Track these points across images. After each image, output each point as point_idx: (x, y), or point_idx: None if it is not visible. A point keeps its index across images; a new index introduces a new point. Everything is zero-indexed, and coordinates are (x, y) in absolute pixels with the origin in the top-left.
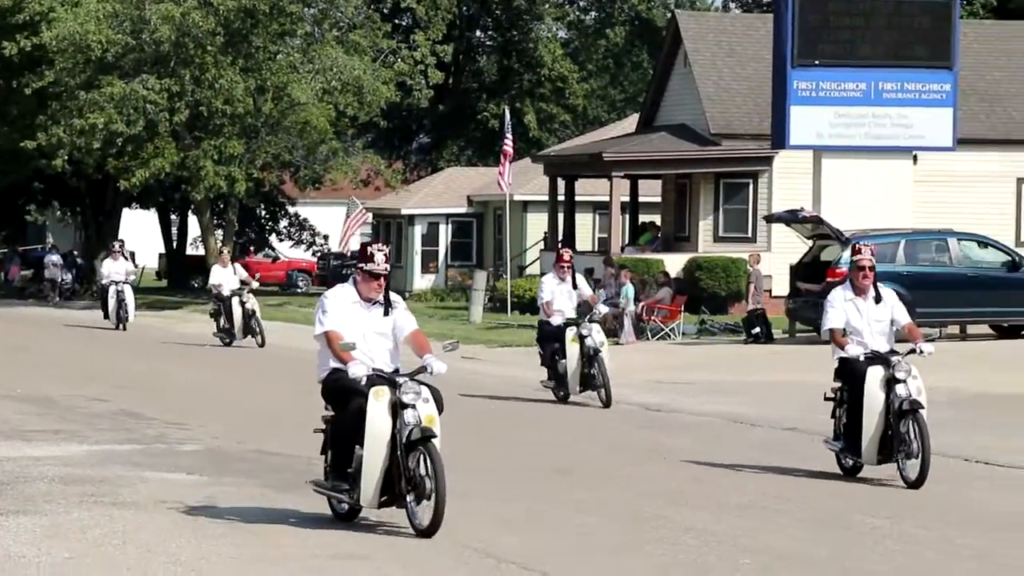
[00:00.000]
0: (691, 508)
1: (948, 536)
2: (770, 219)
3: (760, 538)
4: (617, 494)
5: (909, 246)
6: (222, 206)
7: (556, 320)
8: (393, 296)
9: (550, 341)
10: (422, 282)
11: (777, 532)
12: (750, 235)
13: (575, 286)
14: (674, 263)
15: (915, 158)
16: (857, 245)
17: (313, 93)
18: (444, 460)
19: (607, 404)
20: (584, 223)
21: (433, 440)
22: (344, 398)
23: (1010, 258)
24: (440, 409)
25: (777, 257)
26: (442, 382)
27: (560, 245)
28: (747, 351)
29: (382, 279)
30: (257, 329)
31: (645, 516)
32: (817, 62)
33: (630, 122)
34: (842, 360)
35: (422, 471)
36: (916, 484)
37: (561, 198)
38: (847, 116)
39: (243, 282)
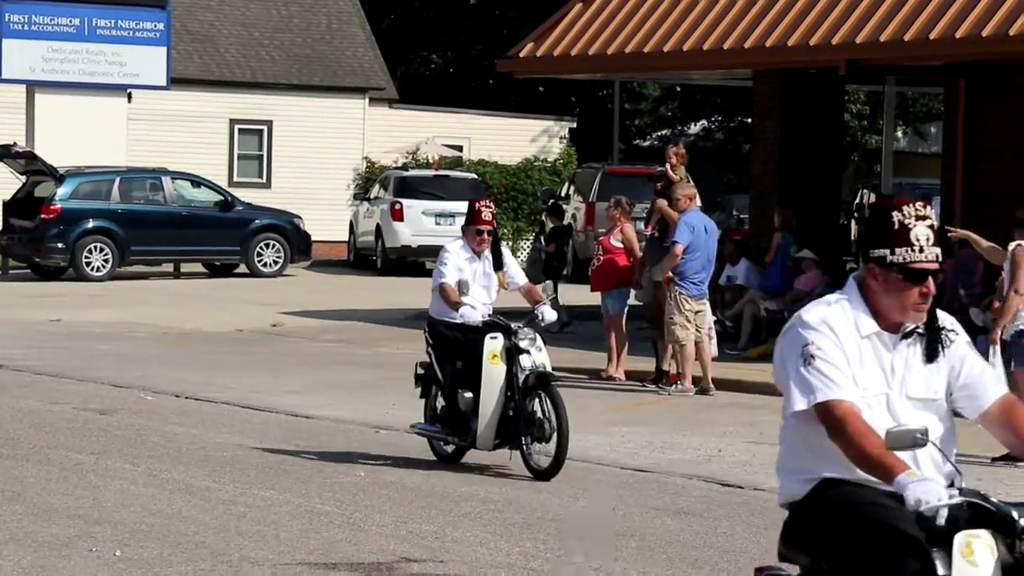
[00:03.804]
0: None
1: (155, 470)
2: None
3: None
4: None
5: (124, 183)
6: None
7: (469, 317)
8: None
9: (450, 354)
10: None
11: None
12: None
13: (499, 266)
14: None
15: (130, 96)
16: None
17: None
18: None
19: (550, 474)
20: None
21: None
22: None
23: (223, 198)
24: None
25: None
26: None
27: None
28: None
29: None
30: None
31: None
32: None
33: None
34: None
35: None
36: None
37: None
38: (61, 51)
39: None
